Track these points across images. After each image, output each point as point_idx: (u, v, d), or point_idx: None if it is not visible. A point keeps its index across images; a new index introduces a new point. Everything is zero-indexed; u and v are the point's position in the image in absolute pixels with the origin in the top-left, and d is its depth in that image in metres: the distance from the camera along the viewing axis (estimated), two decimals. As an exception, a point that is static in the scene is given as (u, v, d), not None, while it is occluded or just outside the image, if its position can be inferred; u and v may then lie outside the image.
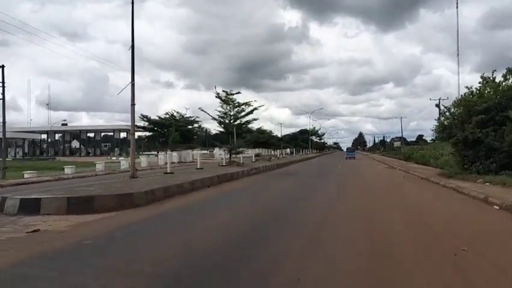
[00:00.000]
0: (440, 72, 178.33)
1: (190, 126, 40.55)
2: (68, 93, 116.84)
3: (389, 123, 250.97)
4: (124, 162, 28.16)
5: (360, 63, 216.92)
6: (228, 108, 24.30)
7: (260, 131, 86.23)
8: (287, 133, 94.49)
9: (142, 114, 33.46)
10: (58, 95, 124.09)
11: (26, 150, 66.20)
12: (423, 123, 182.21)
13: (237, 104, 24.26)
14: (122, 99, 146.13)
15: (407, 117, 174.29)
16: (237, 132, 25.18)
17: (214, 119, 24.43)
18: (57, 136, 72.80)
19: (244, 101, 24.60)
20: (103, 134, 71.85)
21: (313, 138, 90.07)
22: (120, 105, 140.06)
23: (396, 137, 69.65)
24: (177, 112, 41.22)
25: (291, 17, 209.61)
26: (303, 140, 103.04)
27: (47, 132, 70.06)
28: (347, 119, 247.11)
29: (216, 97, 24.22)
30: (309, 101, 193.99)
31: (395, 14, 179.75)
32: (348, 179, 18.35)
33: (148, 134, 43.00)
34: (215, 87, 24.91)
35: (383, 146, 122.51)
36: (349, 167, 29.47)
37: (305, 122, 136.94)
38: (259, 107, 25.08)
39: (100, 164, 26.89)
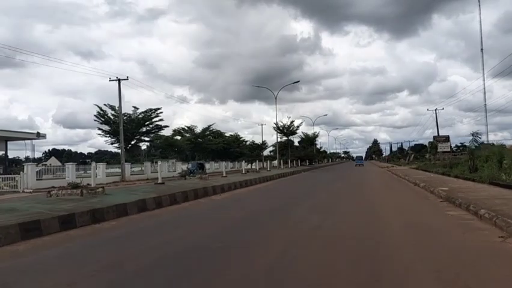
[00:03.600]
0: (455, 78, 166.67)
1: None
2: (84, 111, 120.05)
3: (404, 131, 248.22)
4: None
5: (373, 72, 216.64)
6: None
7: (211, 132, 56.35)
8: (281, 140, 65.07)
9: None
10: (74, 113, 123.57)
11: None
12: (440, 131, 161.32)
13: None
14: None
15: (422, 126, 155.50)
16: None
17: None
18: None
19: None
20: None
21: (310, 143, 60.26)
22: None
23: (440, 136, 39.28)
24: None
25: (303, 28, 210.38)
26: (304, 149, 74.75)
27: None
28: (361, 129, 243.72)
29: None
30: (322, 112, 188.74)
31: (407, 21, 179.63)
32: None
33: None
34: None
35: (401, 155, 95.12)
36: None
37: (321, 133, 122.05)
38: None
39: None
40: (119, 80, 29.80)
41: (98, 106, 33.60)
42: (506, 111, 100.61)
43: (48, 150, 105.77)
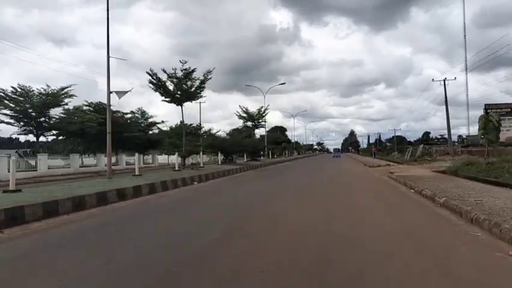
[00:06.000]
0: (430, 72, 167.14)
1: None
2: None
3: (379, 124, 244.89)
4: None
5: (351, 64, 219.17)
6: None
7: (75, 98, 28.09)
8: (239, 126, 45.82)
9: None
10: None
11: None
12: (414, 125, 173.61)
13: None
14: (112, 104, 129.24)
15: (397, 119, 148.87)
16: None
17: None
18: None
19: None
20: None
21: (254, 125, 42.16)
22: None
23: (498, 105, 22.33)
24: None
25: (282, 18, 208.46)
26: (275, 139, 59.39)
27: None
28: (337, 121, 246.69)
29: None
30: (300, 104, 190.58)
31: (387, 13, 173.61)
32: None
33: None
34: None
35: (381, 146, 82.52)
36: None
37: (297, 125, 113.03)
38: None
39: None
40: None
41: None
42: (478, 105, 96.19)
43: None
